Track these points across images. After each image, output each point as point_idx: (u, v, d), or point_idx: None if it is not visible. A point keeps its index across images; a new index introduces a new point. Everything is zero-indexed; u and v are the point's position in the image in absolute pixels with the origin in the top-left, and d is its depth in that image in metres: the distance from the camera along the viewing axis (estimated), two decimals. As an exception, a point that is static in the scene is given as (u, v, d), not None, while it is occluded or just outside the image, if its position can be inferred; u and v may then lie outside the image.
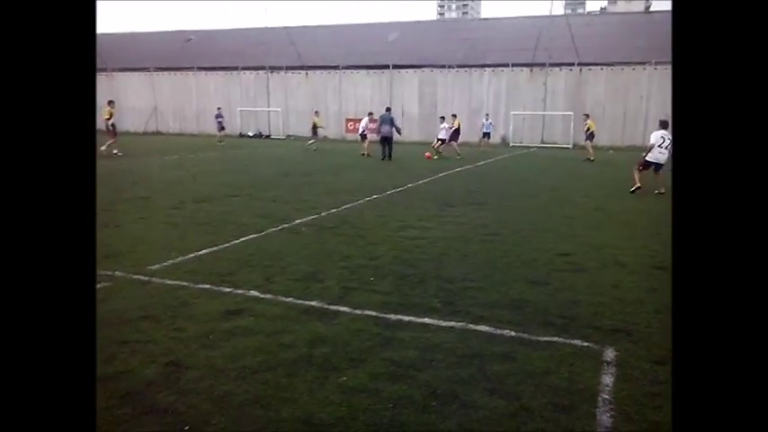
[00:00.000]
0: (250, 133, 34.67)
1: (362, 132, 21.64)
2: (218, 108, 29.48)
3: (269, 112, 35.13)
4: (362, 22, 42.00)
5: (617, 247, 6.69)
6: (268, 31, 36.95)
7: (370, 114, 23.38)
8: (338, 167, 16.48)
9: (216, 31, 40.78)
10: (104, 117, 19.44)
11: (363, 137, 21.52)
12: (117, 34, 40.40)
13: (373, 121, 22.05)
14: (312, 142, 23.83)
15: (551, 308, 4.51)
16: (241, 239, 6.84)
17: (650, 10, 31.58)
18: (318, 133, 24.32)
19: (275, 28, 37.15)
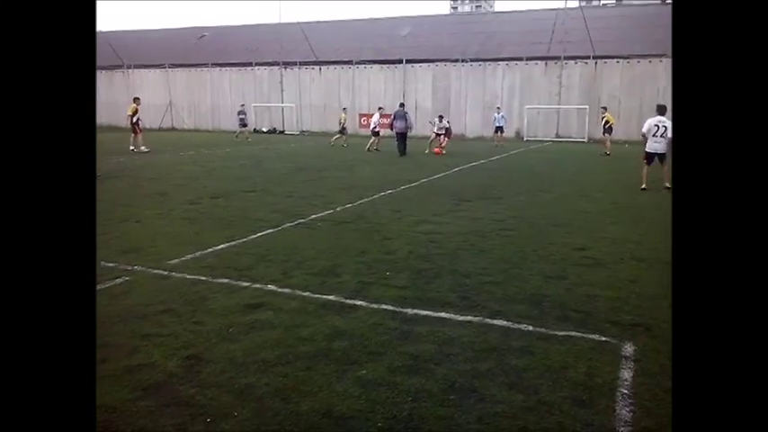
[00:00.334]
0: (264, 129, 34.82)
1: (374, 129, 21.46)
2: (242, 105, 29.54)
3: (282, 107, 35.24)
4: (376, 17, 41.81)
5: (634, 241, 6.64)
6: (282, 26, 37.04)
7: (381, 109, 23.21)
8: (352, 163, 16.50)
9: (230, 27, 41.00)
10: (128, 113, 19.30)
11: (376, 133, 21.30)
12: (133, 31, 40.81)
13: (385, 117, 21.92)
14: (337, 138, 23.54)
15: (569, 302, 4.50)
16: (258, 234, 6.90)
17: (667, 1, 31.07)
18: (345, 130, 23.81)
19: (289, 24, 37.25)
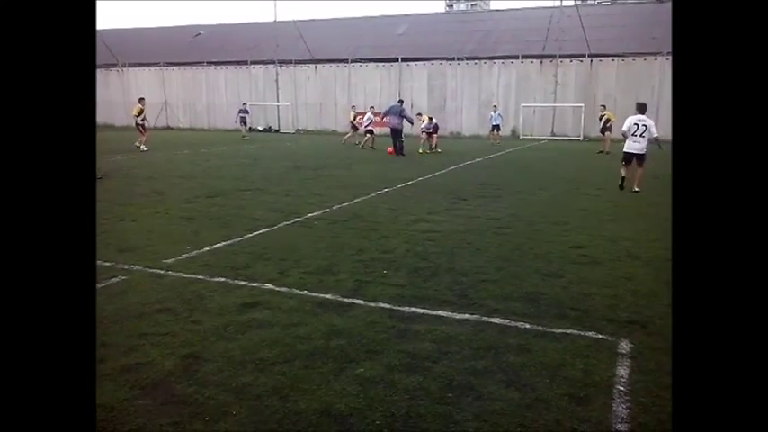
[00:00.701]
0: (260, 128, 34.74)
1: (367, 127, 21.27)
2: (244, 103, 29.43)
3: (278, 106, 35.17)
4: (371, 15, 41.76)
5: (631, 239, 6.66)
6: (277, 25, 36.93)
7: (372, 108, 22.96)
8: (349, 161, 16.49)
9: (225, 25, 40.86)
10: (133, 114, 19.41)
11: (369, 131, 21.14)
12: (127, 30, 40.63)
13: (376, 115, 21.76)
14: (349, 136, 23.22)
15: (565, 300, 4.51)
16: (255, 233, 6.89)
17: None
18: (356, 128, 23.35)
19: (284, 22, 37.13)
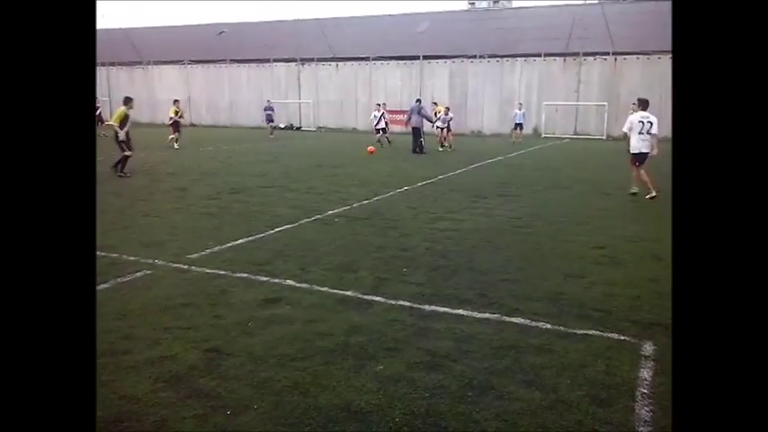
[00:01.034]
0: (281, 125, 34.95)
1: (376, 125, 21.04)
2: (268, 101, 29.64)
3: (300, 103, 35.36)
4: (393, 13, 41.70)
5: (654, 240, 6.56)
6: (299, 23, 37.10)
7: (378, 105, 22.47)
8: (368, 159, 16.52)
9: (248, 23, 41.15)
10: (170, 114, 20.02)
11: (383, 130, 20.99)
12: (152, 28, 41.15)
13: (395, 113, 21.29)
14: (381, 135, 23.23)
15: (587, 301, 4.47)
16: (276, 230, 6.95)
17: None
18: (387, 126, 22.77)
19: (306, 20, 37.27)
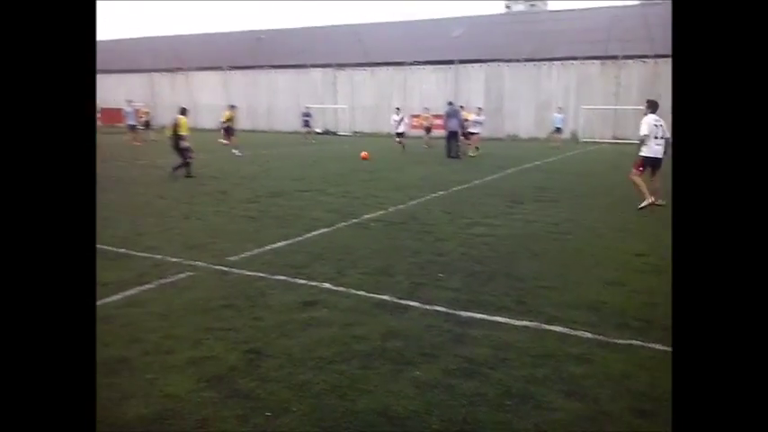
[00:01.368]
0: (318, 130, 35.34)
1: (397, 129, 21.14)
2: (307, 107, 30.05)
3: (336, 109, 35.69)
4: (429, 17, 41.73)
5: (699, 248, 6.37)
6: (335, 29, 37.56)
7: (397, 110, 22.66)
8: (403, 163, 16.54)
9: (285, 30, 41.85)
10: (222, 120, 20.74)
11: (400, 134, 21.04)
12: (193, 35, 42.27)
13: (422, 117, 21.28)
14: (427, 138, 22.98)
15: (629, 310, 4.37)
16: (313, 233, 7.03)
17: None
18: (430, 130, 23.21)
19: (342, 26, 37.72)
